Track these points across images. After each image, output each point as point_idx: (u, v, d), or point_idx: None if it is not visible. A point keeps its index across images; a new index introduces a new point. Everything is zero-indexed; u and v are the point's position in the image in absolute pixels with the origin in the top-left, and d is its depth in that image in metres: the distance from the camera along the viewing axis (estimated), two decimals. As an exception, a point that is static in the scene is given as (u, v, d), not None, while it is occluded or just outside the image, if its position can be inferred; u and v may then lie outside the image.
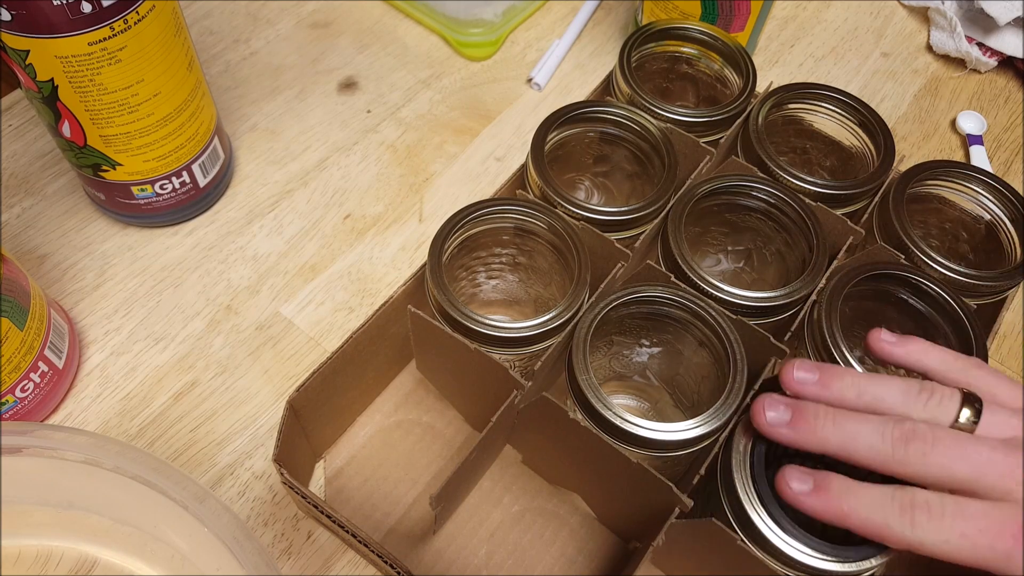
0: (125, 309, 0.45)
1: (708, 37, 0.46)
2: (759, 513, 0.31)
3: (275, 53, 0.57)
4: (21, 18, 0.35)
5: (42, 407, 0.40)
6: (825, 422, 0.30)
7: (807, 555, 0.30)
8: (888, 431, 0.29)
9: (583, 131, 0.43)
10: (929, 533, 0.28)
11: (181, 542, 0.33)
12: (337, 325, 0.45)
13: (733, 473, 0.31)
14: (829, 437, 0.30)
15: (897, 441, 0.29)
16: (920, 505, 0.28)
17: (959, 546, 0.27)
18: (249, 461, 0.41)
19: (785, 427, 0.31)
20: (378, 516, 0.40)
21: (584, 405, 0.34)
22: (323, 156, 0.52)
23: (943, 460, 0.28)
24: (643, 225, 0.40)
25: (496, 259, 0.42)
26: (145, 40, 0.38)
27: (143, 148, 0.42)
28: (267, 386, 0.43)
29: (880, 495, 0.29)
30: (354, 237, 0.49)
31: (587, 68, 0.58)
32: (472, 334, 0.35)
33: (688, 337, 0.38)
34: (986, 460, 0.28)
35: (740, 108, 0.44)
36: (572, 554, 0.39)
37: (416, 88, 0.56)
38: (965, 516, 0.28)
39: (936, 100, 0.58)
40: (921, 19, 0.63)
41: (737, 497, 0.31)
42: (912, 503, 0.28)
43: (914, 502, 0.28)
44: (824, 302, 0.36)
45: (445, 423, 0.43)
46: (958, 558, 0.28)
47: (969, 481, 0.28)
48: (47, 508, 0.35)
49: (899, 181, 0.41)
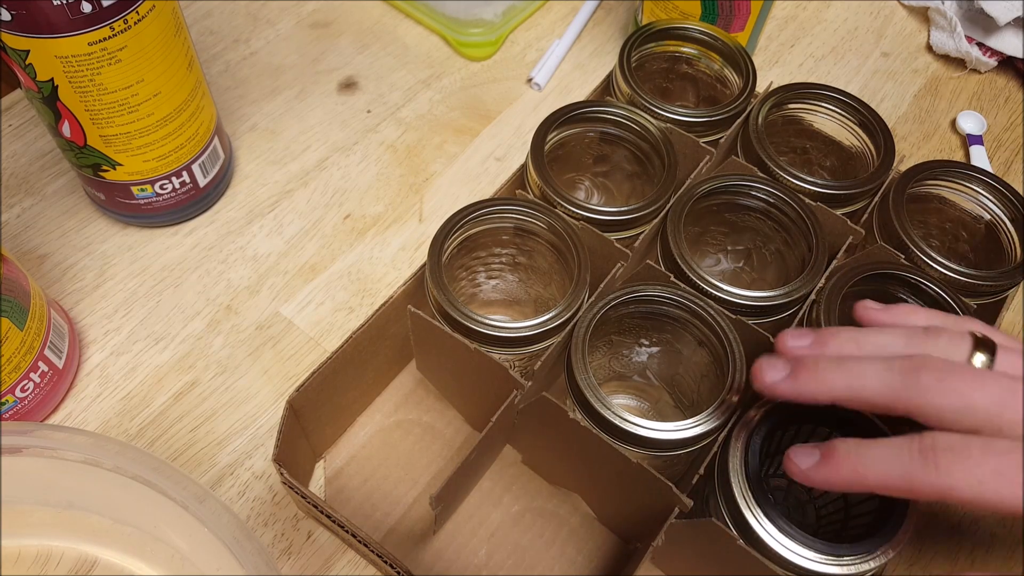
0: (125, 309, 0.45)
1: (708, 37, 0.46)
2: (756, 516, 0.31)
3: (275, 53, 0.57)
4: (21, 18, 0.35)
5: (42, 407, 0.40)
6: (828, 366, 0.28)
7: (805, 558, 0.30)
8: (897, 363, 0.27)
9: (583, 131, 0.43)
10: (960, 475, 0.25)
11: (181, 542, 0.33)
12: (337, 325, 0.45)
13: (729, 475, 0.31)
14: (834, 381, 0.28)
15: (908, 372, 0.26)
16: (942, 447, 0.25)
17: (996, 487, 0.24)
18: (249, 461, 0.41)
19: (786, 382, 0.29)
20: (378, 516, 0.40)
21: (583, 405, 0.34)
22: (323, 156, 0.52)
23: (961, 387, 0.26)
24: (643, 225, 0.40)
25: (496, 259, 0.42)
26: (145, 40, 0.39)
27: (143, 148, 0.42)
28: (267, 386, 0.43)
29: (895, 446, 0.26)
30: (354, 237, 0.49)
31: (587, 68, 0.58)
32: (472, 334, 0.35)
33: (687, 337, 0.38)
34: (1008, 389, 0.26)
35: (740, 108, 0.44)
36: (572, 554, 0.39)
37: (416, 88, 0.56)
38: (996, 452, 0.25)
39: (936, 100, 0.58)
40: (921, 19, 0.63)
41: (734, 499, 0.31)
42: (933, 445, 0.25)
43: (935, 444, 0.25)
44: (823, 302, 0.37)
45: (445, 423, 0.43)
46: (995, 501, 0.25)
47: (990, 415, 0.25)
48: (47, 508, 0.35)
49: (899, 181, 0.41)
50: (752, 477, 0.31)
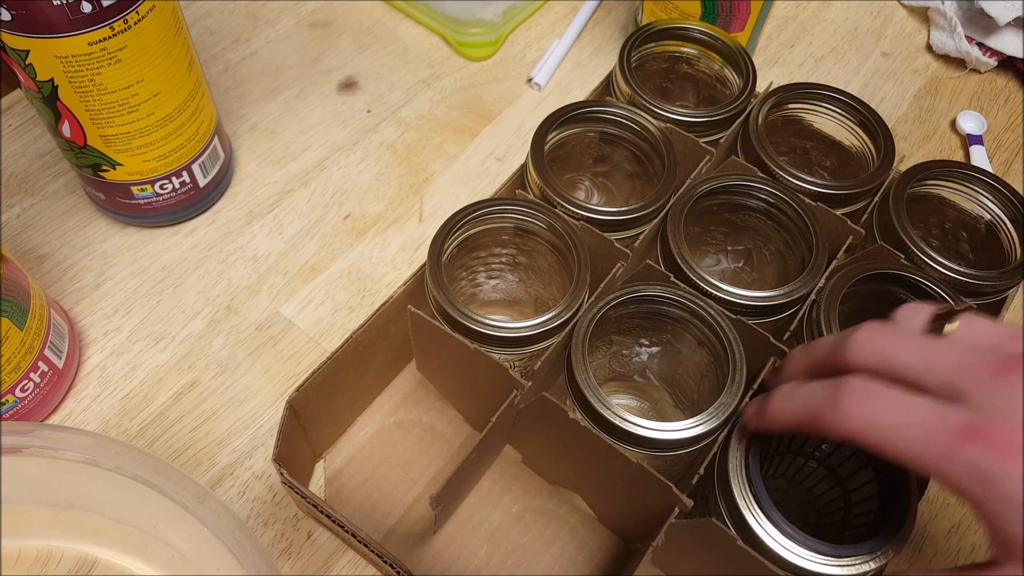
0: (125, 309, 0.45)
1: (708, 37, 0.46)
2: (755, 516, 0.31)
3: (275, 53, 0.57)
4: (21, 18, 0.35)
5: (42, 407, 0.40)
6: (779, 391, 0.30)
7: (805, 558, 0.30)
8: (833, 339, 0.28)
9: (583, 131, 0.43)
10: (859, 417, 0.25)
11: (181, 542, 0.33)
12: (337, 325, 0.45)
13: (729, 476, 0.31)
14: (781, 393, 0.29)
15: (842, 337, 0.27)
16: (851, 388, 0.26)
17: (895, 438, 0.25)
18: (249, 461, 0.41)
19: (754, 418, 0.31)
20: (378, 516, 0.40)
21: (583, 405, 0.34)
22: (323, 156, 0.52)
23: (887, 345, 0.26)
24: (643, 225, 0.40)
25: (496, 259, 0.42)
26: (145, 40, 0.38)
27: (143, 148, 0.42)
28: (267, 386, 0.43)
29: (816, 386, 0.27)
30: (354, 237, 0.49)
31: (587, 68, 0.58)
32: (472, 334, 0.35)
33: (688, 337, 0.38)
34: (939, 353, 0.26)
35: (740, 108, 0.44)
36: (572, 554, 0.39)
37: (416, 88, 0.56)
38: (906, 407, 0.25)
39: (936, 100, 0.58)
40: (921, 19, 0.63)
41: (734, 499, 0.31)
42: (843, 387, 0.26)
43: (845, 385, 0.26)
44: (823, 302, 0.37)
45: (445, 423, 0.43)
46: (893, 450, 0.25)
47: (918, 373, 0.25)
48: (47, 508, 0.35)
49: (899, 181, 0.41)
50: (752, 477, 0.31)
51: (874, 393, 0.25)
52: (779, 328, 0.37)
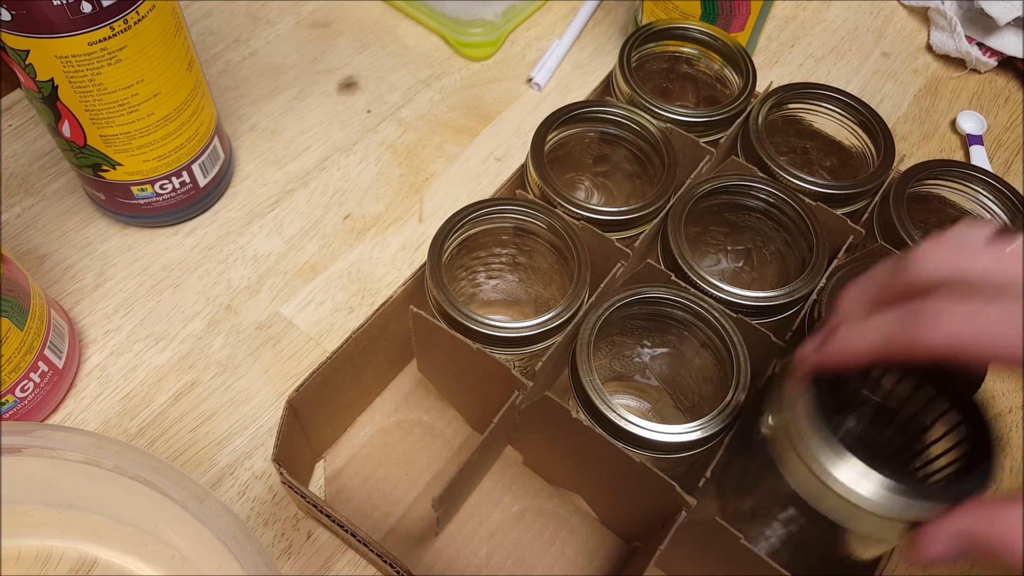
0: (125, 309, 0.45)
1: (708, 37, 0.46)
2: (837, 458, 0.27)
3: (275, 53, 0.57)
4: (21, 18, 0.35)
5: (42, 407, 0.40)
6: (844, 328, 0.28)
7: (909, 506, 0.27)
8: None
9: (583, 131, 0.43)
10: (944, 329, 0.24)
11: (181, 542, 0.33)
12: (337, 325, 0.45)
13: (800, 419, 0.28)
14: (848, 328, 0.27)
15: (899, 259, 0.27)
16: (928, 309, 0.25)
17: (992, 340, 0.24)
18: (249, 461, 0.41)
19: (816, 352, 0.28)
20: (378, 516, 0.40)
21: (587, 406, 0.34)
22: (323, 156, 0.52)
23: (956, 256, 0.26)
24: (643, 225, 0.40)
25: (496, 259, 0.42)
26: (145, 40, 0.38)
27: (143, 148, 0.42)
28: (267, 386, 0.43)
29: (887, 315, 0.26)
30: (354, 237, 0.49)
31: (587, 68, 0.58)
32: (472, 334, 0.35)
33: (691, 339, 0.38)
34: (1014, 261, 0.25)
35: (740, 108, 0.44)
36: (572, 554, 0.39)
37: (416, 88, 0.56)
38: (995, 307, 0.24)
39: (936, 100, 0.58)
40: (921, 19, 0.63)
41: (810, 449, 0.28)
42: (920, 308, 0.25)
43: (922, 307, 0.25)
44: (824, 301, 0.36)
45: (445, 423, 0.43)
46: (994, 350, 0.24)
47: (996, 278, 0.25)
48: (47, 508, 0.35)
49: (899, 181, 0.41)
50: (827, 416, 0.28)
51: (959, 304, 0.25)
52: (780, 328, 0.37)
